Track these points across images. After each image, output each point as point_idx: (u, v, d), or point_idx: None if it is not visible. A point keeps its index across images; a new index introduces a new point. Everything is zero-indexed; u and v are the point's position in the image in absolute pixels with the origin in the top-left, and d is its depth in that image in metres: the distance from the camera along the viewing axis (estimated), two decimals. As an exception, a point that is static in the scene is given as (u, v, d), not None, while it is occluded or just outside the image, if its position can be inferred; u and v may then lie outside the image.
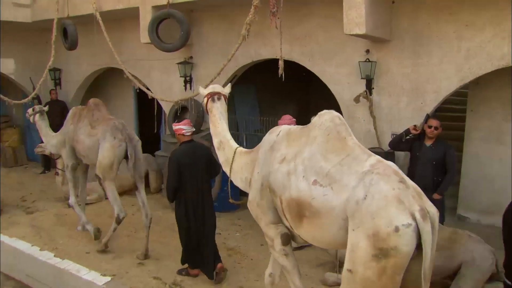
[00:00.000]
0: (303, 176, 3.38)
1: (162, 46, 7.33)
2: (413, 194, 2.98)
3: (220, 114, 4.37)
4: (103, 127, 6.15)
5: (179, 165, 5.12)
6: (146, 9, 7.59)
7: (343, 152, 3.33)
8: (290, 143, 3.69)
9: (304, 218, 3.36)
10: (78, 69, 10.78)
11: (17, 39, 10.79)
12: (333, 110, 3.61)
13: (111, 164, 6.01)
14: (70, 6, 8.72)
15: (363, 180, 3.05)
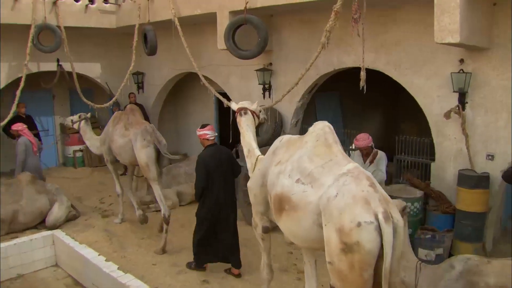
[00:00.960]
0: (289, 175, 3.94)
1: (238, 53, 7.39)
2: (380, 198, 3.39)
3: (247, 126, 5.20)
4: (135, 130, 7.15)
5: (206, 167, 5.73)
6: (224, 15, 7.71)
7: (327, 156, 3.86)
8: (288, 148, 4.29)
9: (284, 211, 3.89)
10: (160, 73, 11.25)
11: (102, 44, 11.55)
12: (325, 121, 4.17)
13: (146, 164, 6.92)
14: (151, 12, 9.12)
15: (338, 180, 3.53)
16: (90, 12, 10.17)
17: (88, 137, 8.46)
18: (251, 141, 5.14)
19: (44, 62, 10.56)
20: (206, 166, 5.73)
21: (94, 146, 8.36)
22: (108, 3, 10.34)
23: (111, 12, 10.45)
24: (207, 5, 8.00)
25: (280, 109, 8.28)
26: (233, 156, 6.27)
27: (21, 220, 7.81)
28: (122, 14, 10.32)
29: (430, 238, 5.78)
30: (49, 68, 10.71)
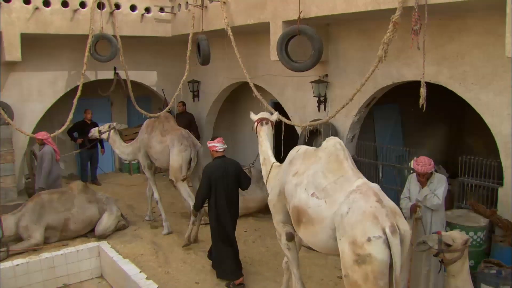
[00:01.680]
0: (305, 189, 4.43)
1: (291, 65, 7.26)
2: (387, 213, 3.84)
3: (266, 136, 5.82)
4: (172, 135, 8.21)
5: (211, 177, 6.22)
6: (277, 25, 7.62)
7: (339, 172, 4.33)
8: (304, 161, 4.80)
9: (301, 223, 4.41)
10: (215, 82, 11.34)
11: (159, 53, 11.86)
12: (337, 137, 4.71)
13: (180, 166, 7.97)
14: (205, 21, 9.22)
15: (349, 198, 4.00)
16: (146, 21, 10.45)
17: (118, 146, 9.16)
18: (268, 149, 5.78)
19: (101, 71, 10.97)
20: (210, 177, 6.22)
21: (125, 154, 9.18)
22: (163, 11, 10.55)
23: (166, 20, 10.67)
24: (260, 14, 7.94)
25: (335, 123, 8.07)
26: (241, 168, 6.65)
27: (72, 228, 8.15)
28: (177, 22, 10.52)
29: (495, 274, 5.34)
30: (107, 76, 11.13)
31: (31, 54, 10.13)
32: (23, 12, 9.17)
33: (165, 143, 8.26)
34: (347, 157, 4.46)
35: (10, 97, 10.15)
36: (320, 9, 6.81)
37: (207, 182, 6.22)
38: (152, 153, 8.52)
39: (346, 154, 4.47)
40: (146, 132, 8.70)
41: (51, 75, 10.57)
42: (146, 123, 8.94)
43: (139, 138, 8.88)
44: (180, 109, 11.74)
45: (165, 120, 8.67)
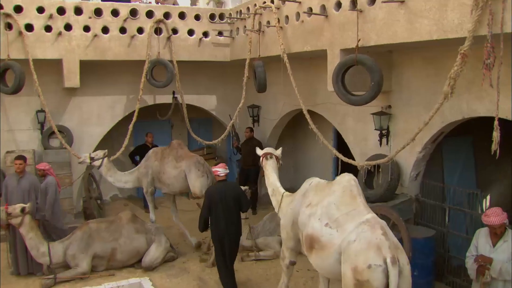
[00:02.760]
0: (319, 219, 4.90)
1: (348, 98, 6.72)
2: (390, 246, 4.24)
3: (272, 169, 6.51)
4: (187, 161, 8.61)
5: (211, 200, 6.62)
6: (334, 53, 7.14)
7: (351, 206, 4.79)
8: (317, 193, 5.28)
9: (314, 249, 4.89)
10: (275, 108, 10.99)
11: (218, 76, 11.73)
12: (351, 174, 5.17)
13: (200, 190, 8.36)
14: (262, 46, 8.90)
15: (358, 228, 4.47)
16: (203, 45, 10.35)
17: (112, 173, 9.04)
18: (276, 181, 6.39)
19: (160, 95, 10.96)
20: (211, 200, 6.64)
21: (122, 182, 9.17)
22: (222, 36, 10.37)
23: (225, 45, 10.51)
24: (317, 41, 7.50)
25: (397, 159, 7.41)
26: (242, 192, 7.01)
27: (119, 258, 8.05)
28: (236, 47, 10.32)
29: None
30: (165, 100, 11.14)
31: (91, 79, 10.33)
32: (83, 39, 9.36)
33: (180, 168, 8.62)
34: (360, 193, 4.99)
35: (71, 121, 10.39)
36: (380, 37, 6.25)
37: (208, 204, 6.65)
38: (165, 179, 8.79)
39: (359, 190, 5.00)
40: (156, 159, 8.94)
41: (109, 100, 10.72)
42: (154, 151, 9.15)
43: (146, 165, 9.03)
44: (247, 135, 11.41)
45: (178, 147, 8.98)
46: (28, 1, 9.10)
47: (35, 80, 9.05)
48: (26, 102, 9.91)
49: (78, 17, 9.36)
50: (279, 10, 8.34)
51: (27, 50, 8.98)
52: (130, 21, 9.67)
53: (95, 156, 8.89)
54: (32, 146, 10.22)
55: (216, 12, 10.46)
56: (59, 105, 10.30)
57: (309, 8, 7.54)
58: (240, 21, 10.00)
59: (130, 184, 9.27)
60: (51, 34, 9.22)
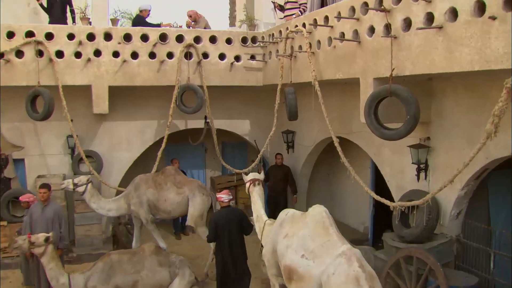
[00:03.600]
0: (295, 250, 5.18)
1: (381, 132, 6.19)
2: (367, 277, 4.67)
3: (258, 196, 6.87)
4: (190, 186, 8.73)
5: (216, 224, 6.98)
6: (367, 81, 6.65)
7: (325, 237, 5.10)
8: (293, 224, 5.56)
9: (292, 280, 5.17)
10: (310, 134, 10.55)
11: (251, 101, 11.40)
12: (322, 206, 5.51)
13: (202, 214, 8.63)
14: (294, 71, 8.51)
15: (335, 260, 4.78)
16: (235, 70, 10.04)
17: (96, 200, 8.70)
18: (260, 208, 6.78)
19: (191, 120, 10.71)
20: (216, 224, 6.99)
21: (105, 210, 8.82)
22: (254, 60, 10.04)
23: (257, 69, 10.18)
24: (349, 68, 7.03)
25: (436, 195, 6.80)
26: (245, 216, 7.21)
27: (140, 291, 7.72)
28: (269, 71, 9.97)
29: None
30: (197, 125, 10.86)
31: (121, 104, 10.25)
32: (111, 65, 9.26)
33: (183, 194, 8.69)
34: (332, 223, 5.30)
35: (101, 146, 10.31)
36: (416, 66, 5.72)
37: (214, 227, 7.02)
38: (166, 206, 8.76)
39: (330, 221, 5.32)
40: (149, 187, 8.80)
41: (139, 125, 10.58)
42: (143, 178, 8.93)
43: (139, 194, 8.76)
44: (277, 161, 11.02)
45: (175, 173, 9.00)
46: (59, 28, 9.12)
47: (64, 106, 9.01)
48: (57, 127, 9.88)
49: (108, 42, 9.27)
50: (311, 34, 7.95)
51: (57, 77, 8.96)
52: (159, 46, 9.49)
53: (79, 182, 8.52)
54: (62, 171, 10.20)
55: (249, 36, 10.14)
56: (89, 130, 10.24)
57: (341, 33, 7.10)
58: (272, 44, 9.64)
59: (113, 213, 9.00)
60: (81, 60, 9.18)
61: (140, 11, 10.21)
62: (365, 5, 6.59)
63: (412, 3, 5.68)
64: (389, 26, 6.05)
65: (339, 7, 7.24)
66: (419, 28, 5.45)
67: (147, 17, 10.31)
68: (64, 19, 9.79)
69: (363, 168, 10.44)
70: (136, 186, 8.86)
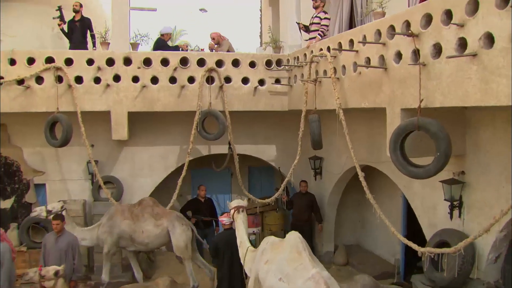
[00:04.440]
0: (274, 274, 5.58)
1: (407, 170, 5.58)
2: None
3: (242, 222, 6.92)
4: (168, 218, 8.47)
5: (217, 245, 7.54)
6: (394, 112, 6.08)
7: (298, 261, 5.48)
8: (272, 250, 5.94)
9: None
10: (338, 161, 9.96)
11: (277, 125, 10.93)
12: (297, 232, 5.94)
13: (186, 245, 8.39)
14: (319, 97, 8.00)
15: (305, 283, 5.18)
16: (259, 94, 9.60)
17: (70, 228, 8.18)
18: (244, 234, 6.89)
19: (215, 145, 10.30)
20: (216, 245, 7.53)
21: (78, 238, 8.08)
22: (279, 84, 9.57)
23: (282, 93, 9.69)
24: (375, 97, 6.48)
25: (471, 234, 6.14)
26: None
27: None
28: (294, 95, 9.47)
29: None
30: (220, 150, 10.42)
31: (142, 129, 9.99)
32: (131, 90, 9.01)
33: (162, 225, 8.42)
34: (305, 248, 5.57)
35: (122, 171, 10.06)
36: (447, 97, 5.12)
37: (215, 247, 7.57)
38: (143, 238, 8.45)
39: (304, 246, 5.59)
40: (125, 218, 8.48)
41: (162, 150, 10.28)
42: (119, 209, 8.64)
43: (112, 224, 8.45)
44: (302, 189, 10.46)
45: (153, 205, 8.68)
46: (79, 53, 8.97)
47: (83, 133, 8.80)
48: (78, 152, 9.70)
49: (127, 67, 9.03)
50: (336, 58, 7.44)
51: (75, 103, 8.77)
52: (180, 70, 9.17)
53: (52, 209, 8.11)
54: (83, 196, 9.98)
55: (273, 58, 9.68)
56: (110, 156, 10.01)
57: (367, 58, 6.56)
58: (297, 68, 9.16)
59: (87, 242, 8.62)
60: (100, 86, 8.97)
61: (161, 34, 9.97)
62: (392, 28, 6.06)
63: (443, 27, 5.11)
64: (417, 52, 5.49)
65: (364, 30, 6.73)
66: (449, 56, 4.88)
67: (168, 40, 10.05)
68: (84, 44, 9.66)
69: (394, 197, 9.80)
70: (111, 216, 8.55)
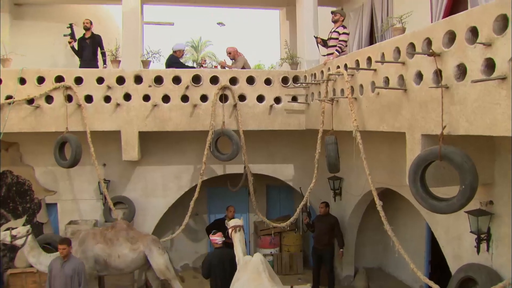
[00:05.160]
0: None
1: (429, 204, 5.02)
2: None
3: (239, 241, 7.37)
4: (144, 242, 8.19)
5: (210, 263, 7.61)
6: (414, 138, 5.56)
7: (258, 281, 6.06)
8: (242, 270, 6.63)
9: None
10: (358, 183, 9.42)
11: (295, 143, 10.47)
12: (259, 253, 6.82)
13: (167, 267, 8.21)
14: (336, 117, 7.52)
15: None
16: (275, 113, 9.15)
17: (36, 254, 7.86)
18: (240, 252, 7.19)
19: (230, 165, 9.88)
20: (210, 263, 7.62)
21: (43, 265, 7.81)
22: (296, 101, 9.10)
23: (299, 111, 9.22)
24: (394, 120, 5.96)
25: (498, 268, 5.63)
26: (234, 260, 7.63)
27: None
28: (311, 113, 9.00)
29: None
30: (236, 170, 9.98)
31: (154, 148, 9.68)
32: (141, 109, 8.70)
33: (138, 249, 8.14)
34: (265, 269, 6.13)
35: (134, 191, 9.77)
36: (473, 125, 4.58)
37: (207, 266, 7.63)
38: (119, 263, 8.07)
39: (264, 267, 6.16)
40: (98, 242, 8.08)
41: (175, 169, 9.92)
42: (91, 233, 8.21)
43: (84, 250, 7.98)
44: (322, 211, 9.84)
45: (128, 228, 8.40)
46: (88, 71, 8.71)
47: (92, 153, 8.52)
48: (89, 172, 9.42)
49: (138, 86, 8.72)
50: (353, 77, 6.95)
51: (85, 122, 8.49)
52: (192, 88, 8.80)
53: (17, 234, 7.70)
54: (94, 217, 9.70)
55: (290, 75, 9.22)
56: (122, 175, 9.71)
57: (385, 78, 6.06)
58: (315, 85, 8.70)
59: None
60: (110, 105, 8.68)
61: (174, 51, 9.61)
62: (412, 46, 5.55)
63: (467, 46, 4.58)
64: (440, 74, 4.97)
65: (383, 47, 6.23)
66: (475, 81, 4.35)
67: (181, 57, 9.70)
68: (94, 62, 9.42)
69: (418, 219, 9.19)
70: (82, 240, 8.13)
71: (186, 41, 45.27)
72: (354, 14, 10.44)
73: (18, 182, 9.55)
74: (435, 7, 7.60)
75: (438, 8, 7.47)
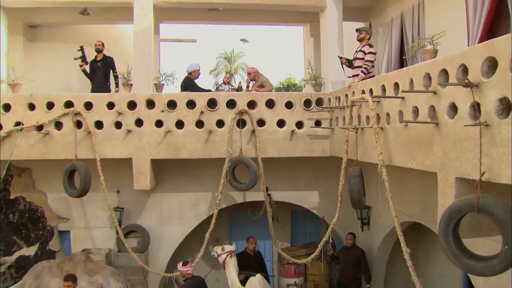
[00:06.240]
0: None
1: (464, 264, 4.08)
2: None
3: (233, 266, 7.91)
4: (103, 274, 7.94)
5: None
6: (447, 180, 4.75)
7: None
8: None
9: None
10: (387, 214, 8.53)
11: (319, 169, 9.70)
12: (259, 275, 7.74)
13: None
14: (361, 147, 6.74)
15: None
16: (296, 138, 8.42)
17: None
18: (234, 276, 7.81)
19: (250, 192, 9.18)
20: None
21: None
22: (320, 126, 8.36)
23: (323, 136, 8.47)
24: (424, 157, 5.16)
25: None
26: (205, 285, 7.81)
27: None
28: (336, 139, 8.23)
29: None
30: (256, 198, 9.28)
31: (170, 175, 9.15)
32: (154, 136, 8.15)
33: (96, 282, 7.90)
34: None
35: (150, 219, 9.23)
36: (518, 173, 3.78)
37: None
38: None
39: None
40: (54, 275, 7.75)
41: (192, 197, 9.31)
42: (45, 266, 7.90)
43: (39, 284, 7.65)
44: (349, 243, 9.10)
45: (86, 260, 8.17)
46: (98, 96, 8.25)
47: (102, 182, 8.04)
48: (103, 198, 8.84)
49: (150, 111, 8.17)
50: (379, 104, 6.19)
51: (95, 150, 7.99)
52: (208, 113, 8.18)
53: None
54: (108, 245, 9.19)
55: (313, 98, 8.50)
56: (137, 203, 9.18)
57: (414, 107, 5.28)
58: (339, 109, 7.95)
59: None
60: (121, 131, 8.16)
61: (189, 73, 9.03)
62: (445, 73, 4.76)
63: (512, 76, 3.79)
64: (478, 108, 4.17)
65: (411, 72, 5.45)
66: (519, 120, 3.56)
67: (197, 78, 9.11)
68: (106, 85, 8.93)
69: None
70: (37, 274, 7.78)
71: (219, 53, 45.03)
72: (383, 30, 9.64)
73: (31, 209, 9.16)
74: (472, 24, 6.74)
75: (475, 25, 6.62)
